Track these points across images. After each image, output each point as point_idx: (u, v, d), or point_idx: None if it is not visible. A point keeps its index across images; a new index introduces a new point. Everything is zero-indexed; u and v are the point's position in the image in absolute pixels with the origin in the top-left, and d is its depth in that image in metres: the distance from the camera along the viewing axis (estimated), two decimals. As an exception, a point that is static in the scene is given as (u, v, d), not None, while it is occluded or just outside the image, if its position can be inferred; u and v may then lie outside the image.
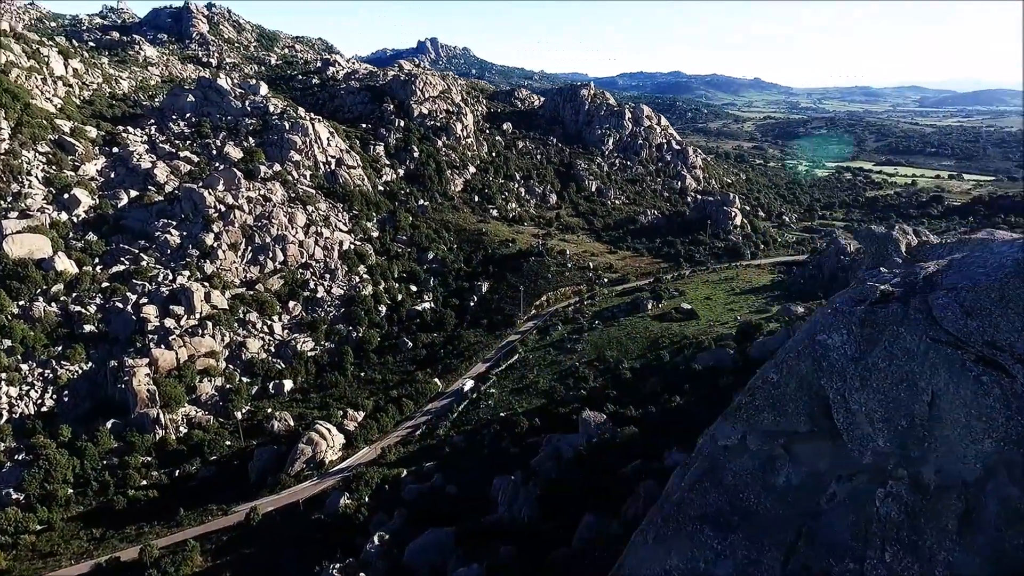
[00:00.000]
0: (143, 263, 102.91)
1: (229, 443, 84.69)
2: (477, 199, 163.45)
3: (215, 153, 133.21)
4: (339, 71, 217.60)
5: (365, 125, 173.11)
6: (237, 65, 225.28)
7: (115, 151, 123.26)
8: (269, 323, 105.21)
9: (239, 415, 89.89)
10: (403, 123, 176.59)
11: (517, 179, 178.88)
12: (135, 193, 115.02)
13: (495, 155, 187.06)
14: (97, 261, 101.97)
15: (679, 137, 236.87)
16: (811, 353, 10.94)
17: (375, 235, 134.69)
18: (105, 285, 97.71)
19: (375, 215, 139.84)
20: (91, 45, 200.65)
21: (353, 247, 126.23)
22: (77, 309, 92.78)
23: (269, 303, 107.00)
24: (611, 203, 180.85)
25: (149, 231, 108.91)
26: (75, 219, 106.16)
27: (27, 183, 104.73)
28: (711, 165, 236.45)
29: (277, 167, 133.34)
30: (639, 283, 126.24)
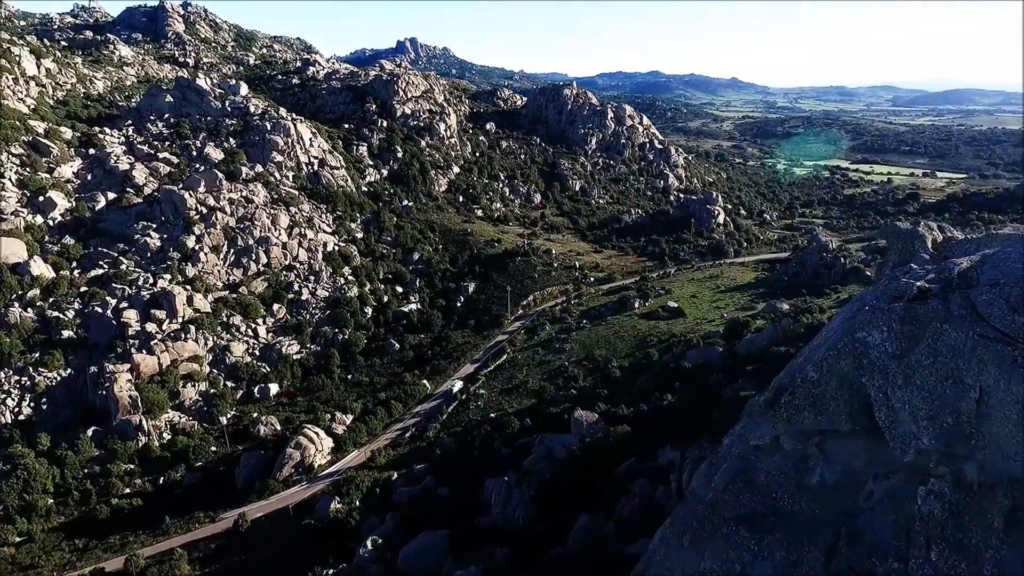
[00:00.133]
0: (123, 267, 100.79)
1: (215, 449, 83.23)
2: (462, 199, 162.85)
3: (195, 154, 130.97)
4: (319, 71, 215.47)
5: (347, 125, 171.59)
6: (215, 65, 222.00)
7: (91, 153, 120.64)
8: (253, 326, 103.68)
9: (224, 420, 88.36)
10: (386, 123, 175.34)
11: (501, 179, 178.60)
12: (113, 195, 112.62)
13: (479, 155, 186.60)
14: (75, 265, 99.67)
15: (661, 136, 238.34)
16: (851, 351, 10.82)
17: (359, 236, 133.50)
18: (83, 289, 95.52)
19: (359, 216, 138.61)
20: (63, 45, 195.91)
21: (337, 248, 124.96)
22: (55, 314, 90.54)
23: (253, 306, 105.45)
24: (595, 202, 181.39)
25: (128, 234, 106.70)
26: (51, 222, 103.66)
27: (0, 186, 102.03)
28: (692, 164, 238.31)
29: (259, 168, 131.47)
30: (625, 282, 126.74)
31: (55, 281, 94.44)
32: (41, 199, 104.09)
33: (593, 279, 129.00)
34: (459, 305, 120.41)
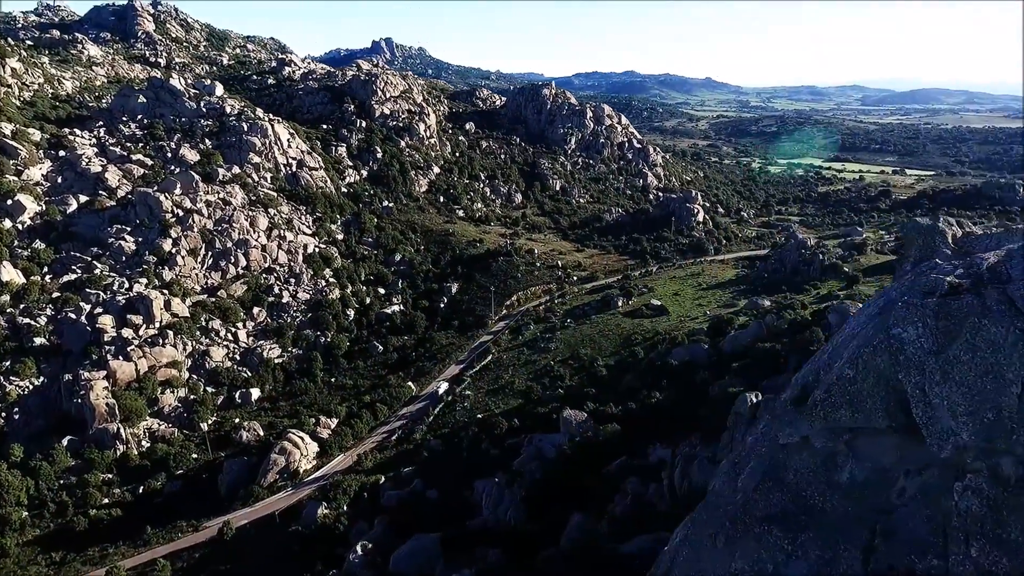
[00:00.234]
0: (96, 271, 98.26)
1: (196, 456, 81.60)
2: (443, 200, 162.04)
3: (170, 156, 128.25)
4: (295, 71, 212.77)
5: (326, 126, 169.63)
6: (188, 65, 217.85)
7: (62, 154, 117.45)
8: (233, 330, 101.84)
9: (205, 426, 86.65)
10: (365, 124, 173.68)
11: (482, 179, 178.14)
12: (85, 198, 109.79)
13: (459, 155, 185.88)
14: (46, 270, 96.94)
15: (639, 136, 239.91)
16: (887, 347, 10.77)
17: (340, 238, 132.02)
18: (56, 295, 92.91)
19: (339, 217, 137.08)
20: (29, 44, 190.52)
21: (318, 250, 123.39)
22: (26, 321, 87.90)
23: (232, 310, 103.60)
24: (576, 202, 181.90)
25: (102, 238, 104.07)
26: (20, 226, 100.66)
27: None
28: (670, 163, 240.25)
29: (236, 169, 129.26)
30: (608, 280, 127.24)
31: (26, 287, 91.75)
32: (9, 202, 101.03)
33: (576, 278, 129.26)
34: (442, 306, 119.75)
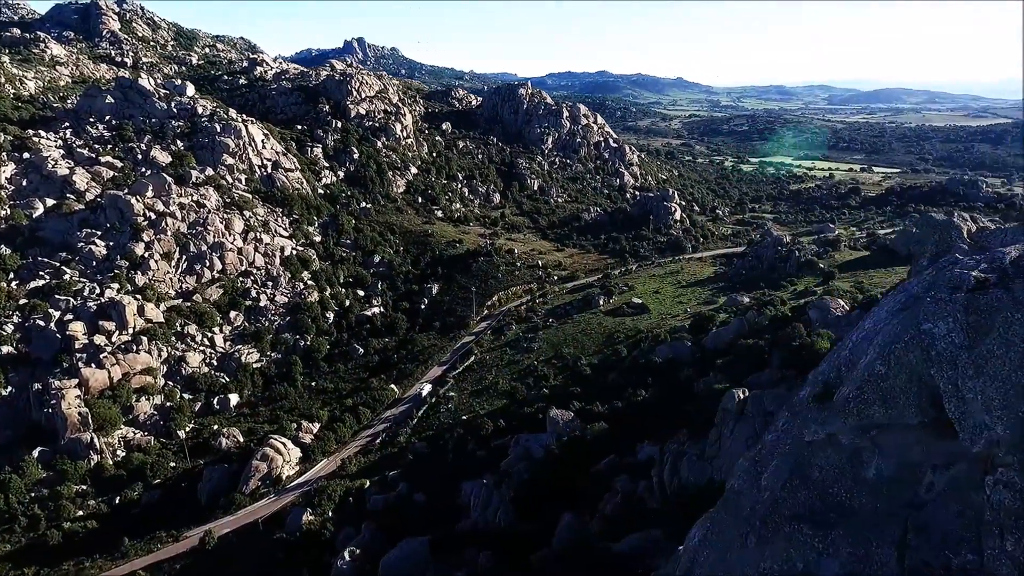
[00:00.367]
0: (66, 277, 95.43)
1: (174, 464, 79.72)
2: (421, 200, 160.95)
3: (140, 158, 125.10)
4: (268, 71, 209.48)
5: (300, 127, 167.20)
6: (156, 65, 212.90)
7: (26, 156, 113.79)
8: (210, 335, 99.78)
9: (182, 434, 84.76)
10: (340, 124, 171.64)
11: (460, 179, 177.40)
12: (52, 202, 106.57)
13: (436, 155, 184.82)
14: (12, 276, 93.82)
15: (615, 135, 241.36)
16: (919, 343, 10.79)
17: (318, 240, 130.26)
18: (23, 302, 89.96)
19: (316, 219, 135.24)
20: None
21: (295, 253, 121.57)
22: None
23: (208, 314, 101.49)
24: (554, 201, 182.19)
25: (71, 242, 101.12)
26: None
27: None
28: (646, 162, 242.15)
29: (210, 171, 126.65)
30: (588, 279, 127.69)
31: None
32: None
33: (556, 277, 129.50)
34: (423, 307, 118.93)
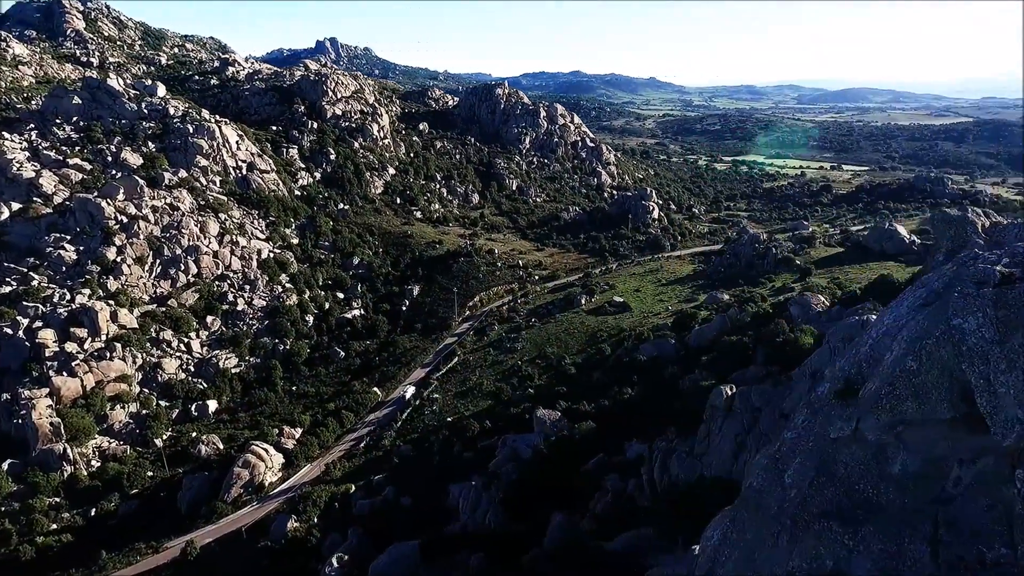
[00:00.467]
0: (34, 283, 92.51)
1: (151, 473, 77.76)
2: (399, 201, 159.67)
3: (110, 160, 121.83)
4: (240, 71, 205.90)
5: (275, 127, 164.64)
6: (123, 65, 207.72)
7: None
8: (186, 340, 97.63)
9: (160, 442, 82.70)
10: (316, 125, 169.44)
11: (438, 180, 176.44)
12: (18, 206, 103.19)
13: (413, 156, 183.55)
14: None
15: (592, 135, 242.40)
16: (949, 338, 10.81)
17: (295, 242, 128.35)
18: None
19: (294, 221, 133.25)
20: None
21: (273, 255, 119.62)
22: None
23: (184, 319, 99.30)
24: (533, 201, 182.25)
25: (39, 247, 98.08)
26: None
27: None
28: (622, 162, 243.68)
29: (183, 173, 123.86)
30: (569, 279, 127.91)
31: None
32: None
33: (537, 277, 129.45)
34: (404, 309, 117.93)
